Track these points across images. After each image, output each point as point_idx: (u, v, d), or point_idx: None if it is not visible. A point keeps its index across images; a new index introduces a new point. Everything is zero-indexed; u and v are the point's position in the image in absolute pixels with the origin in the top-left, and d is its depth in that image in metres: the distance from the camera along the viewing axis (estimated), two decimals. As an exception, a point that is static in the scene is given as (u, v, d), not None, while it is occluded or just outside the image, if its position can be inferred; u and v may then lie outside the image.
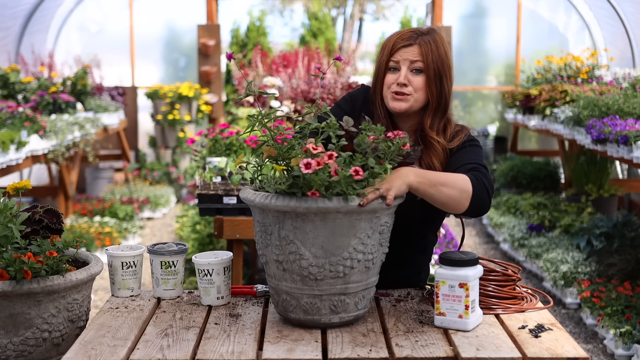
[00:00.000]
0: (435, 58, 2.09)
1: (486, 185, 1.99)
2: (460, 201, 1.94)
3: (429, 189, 1.89)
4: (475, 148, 2.14)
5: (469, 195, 1.94)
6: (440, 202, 1.93)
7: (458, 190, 1.93)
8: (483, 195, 1.97)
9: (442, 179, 1.92)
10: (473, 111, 10.04)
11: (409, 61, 2.10)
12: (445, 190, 1.91)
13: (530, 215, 6.71)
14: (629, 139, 4.47)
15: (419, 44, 2.10)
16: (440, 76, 2.10)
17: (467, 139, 2.16)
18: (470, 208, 1.96)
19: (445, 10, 9.23)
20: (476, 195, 1.95)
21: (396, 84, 2.11)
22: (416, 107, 2.14)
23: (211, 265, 2.00)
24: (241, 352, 1.68)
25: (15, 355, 1.86)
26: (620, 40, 8.26)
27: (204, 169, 3.73)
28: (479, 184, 1.97)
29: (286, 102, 5.51)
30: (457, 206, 1.94)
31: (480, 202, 1.97)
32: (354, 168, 1.70)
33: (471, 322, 1.79)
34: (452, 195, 1.92)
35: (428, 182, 1.89)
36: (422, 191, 1.89)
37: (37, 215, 2.03)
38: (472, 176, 1.98)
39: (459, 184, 1.94)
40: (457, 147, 2.14)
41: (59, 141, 6.02)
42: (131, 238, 6.82)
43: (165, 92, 8.89)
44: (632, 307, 4.35)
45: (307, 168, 1.67)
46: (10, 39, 8.29)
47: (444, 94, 2.13)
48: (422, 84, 2.10)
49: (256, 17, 12.24)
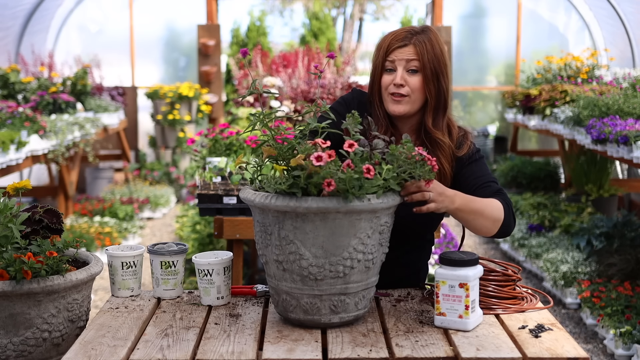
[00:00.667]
0: (431, 57, 2.09)
1: (513, 212, 2.10)
2: (490, 229, 2.06)
3: (467, 216, 2.00)
4: (483, 160, 2.22)
5: (500, 224, 2.06)
6: (473, 228, 2.05)
7: (492, 220, 2.04)
8: (511, 222, 2.09)
9: (482, 208, 2.02)
10: (473, 111, 10.04)
11: (405, 61, 2.10)
12: (481, 219, 2.02)
13: (530, 215, 6.71)
14: (629, 139, 4.47)
15: (413, 44, 2.10)
16: (437, 75, 2.11)
17: (476, 149, 2.20)
18: (497, 233, 2.08)
19: (445, 10, 9.23)
20: (505, 223, 2.07)
21: (393, 84, 2.11)
22: (415, 108, 2.15)
23: (211, 265, 2.00)
24: (241, 352, 1.68)
25: (15, 355, 1.86)
26: (620, 40, 8.26)
27: (204, 169, 3.73)
28: (509, 213, 2.07)
29: (286, 102, 5.51)
30: (487, 233, 2.07)
31: (507, 228, 2.09)
32: (366, 166, 1.69)
33: (471, 322, 1.79)
34: (486, 225, 2.04)
35: (469, 210, 1.99)
36: (461, 217, 2.00)
37: (37, 215, 2.03)
38: (503, 203, 2.07)
39: (495, 214, 2.04)
40: (467, 158, 2.17)
41: (59, 141, 6.02)
42: (131, 238, 6.82)
43: (165, 92, 8.89)
44: (632, 307, 4.35)
45: (318, 161, 1.67)
46: (10, 39, 8.29)
47: (442, 92, 2.13)
48: (419, 83, 2.11)
49: (256, 17, 12.24)
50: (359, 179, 1.69)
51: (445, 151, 2.14)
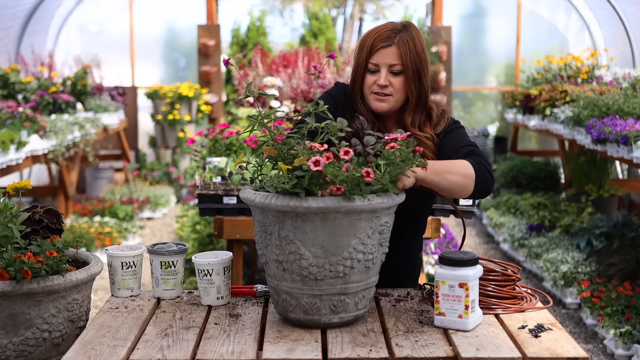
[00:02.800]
0: (413, 57, 2.13)
1: (486, 166, 2.06)
2: (465, 186, 2.01)
3: (434, 178, 1.95)
4: (461, 130, 2.22)
5: (472, 179, 2.02)
6: (446, 189, 2.00)
7: (462, 175, 2.00)
8: (486, 176, 2.05)
9: (445, 167, 1.99)
10: (473, 111, 10.04)
11: (388, 64, 2.14)
12: (449, 177, 1.98)
13: (530, 215, 6.71)
14: (629, 139, 4.46)
15: (397, 44, 2.13)
16: (419, 73, 2.15)
17: (452, 122, 2.22)
18: (475, 191, 2.04)
19: (445, 10, 9.24)
20: (479, 178, 2.03)
21: (377, 85, 2.15)
22: (398, 106, 2.21)
23: (211, 265, 2.00)
24: (241, 352, 1.68)
25: (15, 355, 1.86)
26: (620, 40, 8.26)
27: (204, 169, 3.73)
28: (480, 167, 2.04)
29: (286, 102, 5.52)
30: (463, 191, 2.02)
31: (483, 184, 2.04)
32: (365, 170, 1.71)
33: (471, 322, 1.79)
34: (457, 181, 1.99)
35: (432, 171, 1.94)
36: (428, 180, 1.95)
37: (37, 215, 2.03)
38: (472, 160, 2.05)
39: (462, 170, 2.01)
40: (443, 131, 2.21)
41: (59, 141, 6.02)
42: (131, 238, 6.82)
43: (165, 92, 8.89)
44: (632, 307, 4.35)
45: (316, 165, 1.67)
46: (10, 39, 8.29)
47: (423, 90, 2.18)
48: (401, 84, 2.16)
49: (256, 17, 12.23)
50: (359, 182, 1.70)
51: (427, 143, 2.19)
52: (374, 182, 1.73)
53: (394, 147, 1.80)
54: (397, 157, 1.78)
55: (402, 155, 1.78)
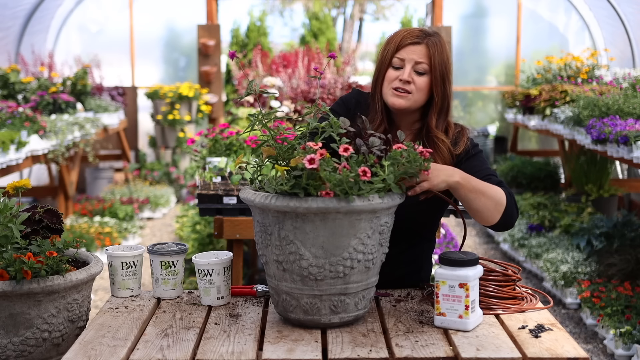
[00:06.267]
0: (442, 60, 2.12)
1: (515, 203, 2.06)
2: (493, 213, 2.01)
3: (469, 194, 1.96)
4: (482, 154, 2.21)
5: (502, 209, 2.01)
6: (474, 209, 2.00)
7: (494, 202, 2.00)
8: (513, 211, 2.05)
9: (483, 188, 1.99)
10: (473, 111, 10.04)
11: (414, 61, 2.12)
12: (483, 199, 1.98)
13: (530, 216, 6.71)
14: (629, 139, 4.46)
15: (426, 44, 2.12)
16: (444, 79, 2.14)
17: (472, 145, 2.20)
18: (500, 221, 2.03)
19: (445, 10, 9.24)
20: (507, 210, 2.03)
21: (398, 80, 2.13)
22: (414, 107, 2.17)
23: (211, 265, 2.00)
24: (241, 352, 1.68)
25: (15, 355, 1.86)
26: (620, 40, 8.26)
27: (204, 169, 3.73)
28: (511, 200, 2.04)
29: (286, 102, 5.52)
30: (489, 218, 2.02)
31: (509, 217, 2.04)
32: (362, 168, 1.70)
33: (471, 322, 1.79)
34: (488, 206, 1.99)
35: (470, 187, 1.95)
36: (462, 194, 1.96)
37: (37, 215, 2.03)
38: (505, 191, 2.05)
39: (497, 197, 2.01)
40: (465, 154, 2.17)
41: (59, 141, 6.02)
42: (131, 238, 6.82)
43: (165, 92, 8.89)
44: (632, 307, 4.35)
45: (311, 163, 1.67)
46: (10, 39, 8.29)
47: (446, 96, 2.16)
48: (423, 85, 2.13)
49: (256, 17, 12.24)
50: (355, 181, 1.70)
51: (443, 151, 2.16)
52: (377, 180, 1.73)
53: (401, 147, 1.80)
54: (403, 157, 1.78)
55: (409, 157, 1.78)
